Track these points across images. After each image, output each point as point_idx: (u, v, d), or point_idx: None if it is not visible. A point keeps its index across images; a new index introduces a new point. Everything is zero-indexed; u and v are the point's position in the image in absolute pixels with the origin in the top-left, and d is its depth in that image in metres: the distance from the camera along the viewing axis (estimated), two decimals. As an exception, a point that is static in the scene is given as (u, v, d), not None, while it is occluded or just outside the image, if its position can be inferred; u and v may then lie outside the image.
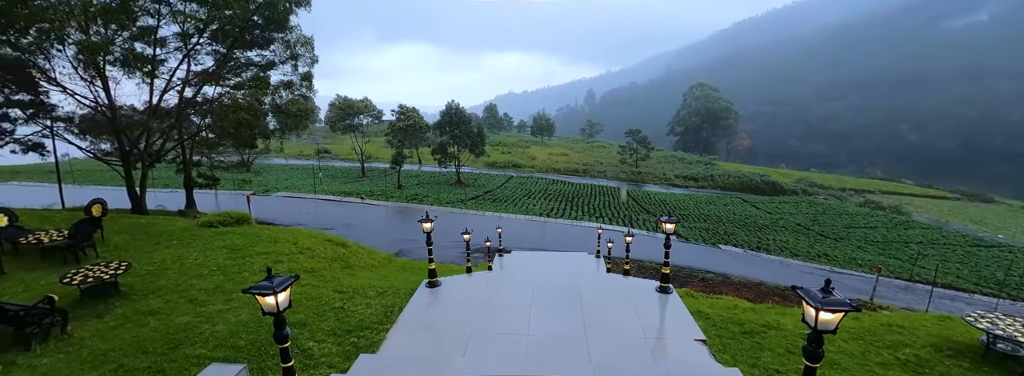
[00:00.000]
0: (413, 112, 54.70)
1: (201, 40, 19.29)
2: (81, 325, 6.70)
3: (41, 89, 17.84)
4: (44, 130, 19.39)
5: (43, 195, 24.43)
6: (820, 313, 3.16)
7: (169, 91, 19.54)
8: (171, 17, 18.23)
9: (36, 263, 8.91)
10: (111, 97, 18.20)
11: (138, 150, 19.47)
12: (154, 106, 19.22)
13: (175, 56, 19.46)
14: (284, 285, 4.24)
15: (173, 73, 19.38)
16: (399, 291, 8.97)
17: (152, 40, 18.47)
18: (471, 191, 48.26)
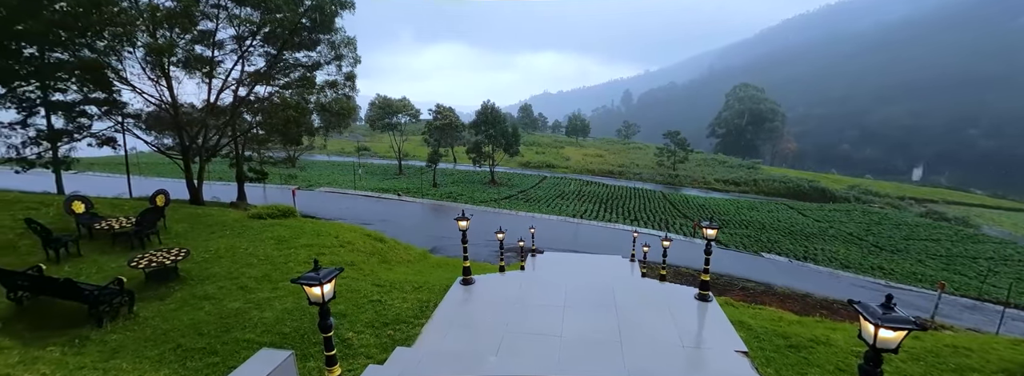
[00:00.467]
0: (449, 111, 55.60)
1: (254, 42, 20.38)
2: (145, 306, 7.25)
3: (114, 88, 19.42)
4: (116, 126, 21.14)
5: (113, 185, 26.61)
6: (880, 330, 2.94)
7: (225, 90, 20.78)
8: (228, 21, 19.38)
9: (108, 247, 9.72)
10: (174, 96, 19.55)
11: (196, 145, 20.82)
12: (211, 104, 20.49)
13: (230, 57, 20.67)
14: (329, 277, 4.42)
15: (229, 73, 20.58)
16: (434, 287, 9.13)
17: (211, 43, 19.71)
18: (504, 190, 48.52)
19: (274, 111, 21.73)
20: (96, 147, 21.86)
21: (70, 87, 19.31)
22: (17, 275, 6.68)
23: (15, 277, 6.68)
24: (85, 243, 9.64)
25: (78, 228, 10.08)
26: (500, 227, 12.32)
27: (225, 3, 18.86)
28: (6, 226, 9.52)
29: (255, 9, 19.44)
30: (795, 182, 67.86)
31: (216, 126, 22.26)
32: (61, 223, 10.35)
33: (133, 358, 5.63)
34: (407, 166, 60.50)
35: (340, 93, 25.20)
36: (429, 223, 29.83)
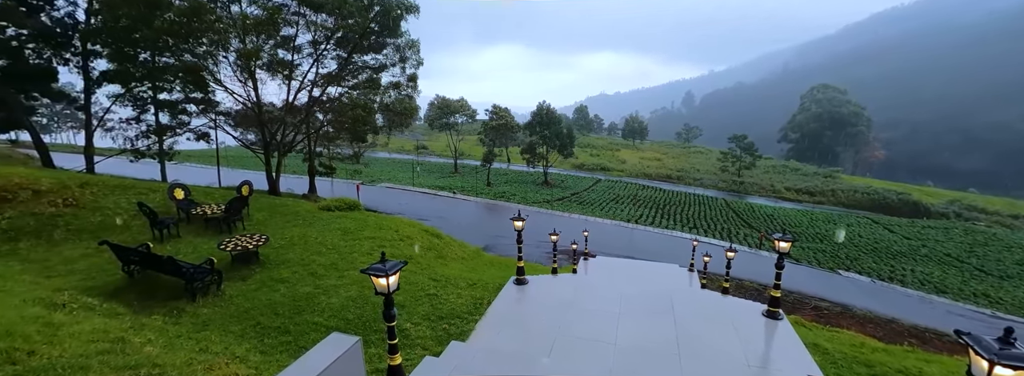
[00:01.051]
0: (505, 112, 56.22)
1: (328, 46, 21.85)
2: (230, 285, 7.99)
3: (210, 89, 21.68)
4: (210, 122, 23.60)
5: (205, 175, 29.65)
6: (995, 368, 2.53)
7: (301, 91, 22.47)
8: (306, 27, 20.93)
9: (201, 230, 10.86)
10: (258, 95, 21.44)
11: (275, 141, 22.69)
12: (289, 104, 22.23)
13: (307, 61, 22.31)
14: (395, 269, 4.62)
15: (305, 75, 22.22)
16: (488, 285, 9.25)
17: (291, 47, 21.40)
18: (558, 192, 48.23)
19: (343, 110, 23.19)
20: (193, 141, 24.60)
21: (174, 88, 21.83)
22: (130, 251, 7.64)
23: (129, 253, 7.64)
24: (183, 226, 10.83)
25: (178, 212, 11.35)
26: (554, 229, 12.26)
27: (304, 11, 20.41)
28: (123, 208, 10.93)
29: (330, 15, 20.83)
30: (881, 194, 61.25)
31: (293, 124, 24.16)
32: (164, 207, 11.70)
33: (220, 331, 6.23)
34: (462, 165, 61.97)
35: (403, 93, 26.40)
36: (482, 221, 30.34)
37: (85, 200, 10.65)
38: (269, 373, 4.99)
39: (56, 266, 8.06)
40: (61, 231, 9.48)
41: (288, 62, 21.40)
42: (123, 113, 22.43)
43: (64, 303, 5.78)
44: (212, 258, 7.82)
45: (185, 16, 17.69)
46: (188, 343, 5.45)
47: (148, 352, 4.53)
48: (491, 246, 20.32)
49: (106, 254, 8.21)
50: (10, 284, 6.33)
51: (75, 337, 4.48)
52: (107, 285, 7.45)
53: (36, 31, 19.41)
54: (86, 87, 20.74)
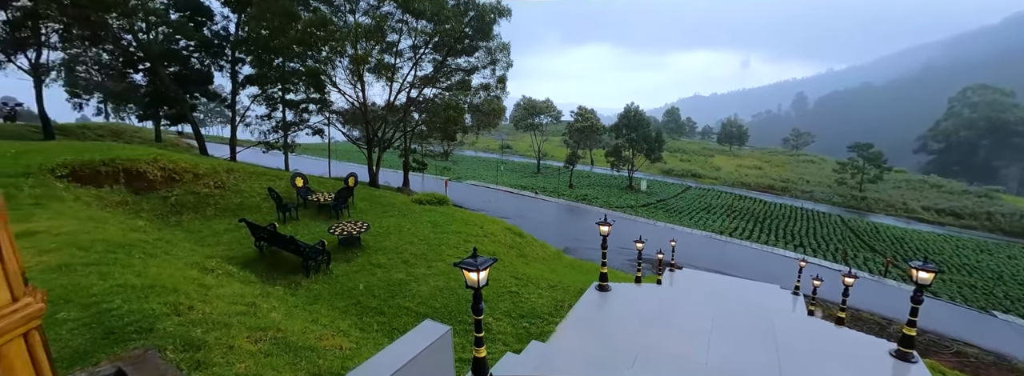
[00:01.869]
0: (591, 113, 55.28)
1: (425, 50, 23.33)
2: (336, 266, 8.89)
3: (326, 90, 24.38)
4: (324, 120, 26.53)
5: (317, 166, 33.36)
6: None
7: (400, 92, 24.27)
8: (408, 33, 22.57)
9: (314, 215, 12.25)
10: (365, 96, 23.60)
11: (377, 137, 24.79)
12: (390, 104, 24.13)
13: (407, 64, 24.04)
14: (486, 265, 4.74)
15: (404, 78, 23.96)
16: (569, 288, 9.15)
17: (394, 52, 23.24)
18: (643, 197, 46.23)
19: (437, 111, 24.59)
20: (310, 135, 27.85)
21: (299, 89, 24.93)
22: (261, 229, 8.85)
23: (260, 230, 8.87)
24: (301, 210, 12.31)
25: (297, 198, 12.92)
26: (640, 236, 11.76)
27: (407, 18, 22.03)
28: (256, 192, 12.73)
29: (429, 21, 22.22)
30: (1060, 221, 49.20)
31: (392, 122, 26.22)
32: (287, 193, 13.39)
33: (328, 306, 6.95)
34: (545, 166, 62.23)
35: (492, 95, 27.26)
36: (563, 223, 30.17)
37: (230, 183, 12.61)
38: (367, 349, 5.44)
39: (207, 237, 9.65)
40: (212, 208, 11.34)
41: (391, 65, 23.27)
42: (259, 111, 26.25)
43: (212, 268, 6.87)
44: (323, 240, 8.77)
45: (313, 27, 20.13)
46: (302, 313, 6.16)
47: (273, 318, 5.19)
48: (571, 249, 20.10)
49: (243, 230, 9.63)
50: (175, 249, 7.70)
51: (220, 298, 5.30)
52: (243, 256, 8.73)
53: (200, 42, 23.48)
54: (233, 88, 24.58)
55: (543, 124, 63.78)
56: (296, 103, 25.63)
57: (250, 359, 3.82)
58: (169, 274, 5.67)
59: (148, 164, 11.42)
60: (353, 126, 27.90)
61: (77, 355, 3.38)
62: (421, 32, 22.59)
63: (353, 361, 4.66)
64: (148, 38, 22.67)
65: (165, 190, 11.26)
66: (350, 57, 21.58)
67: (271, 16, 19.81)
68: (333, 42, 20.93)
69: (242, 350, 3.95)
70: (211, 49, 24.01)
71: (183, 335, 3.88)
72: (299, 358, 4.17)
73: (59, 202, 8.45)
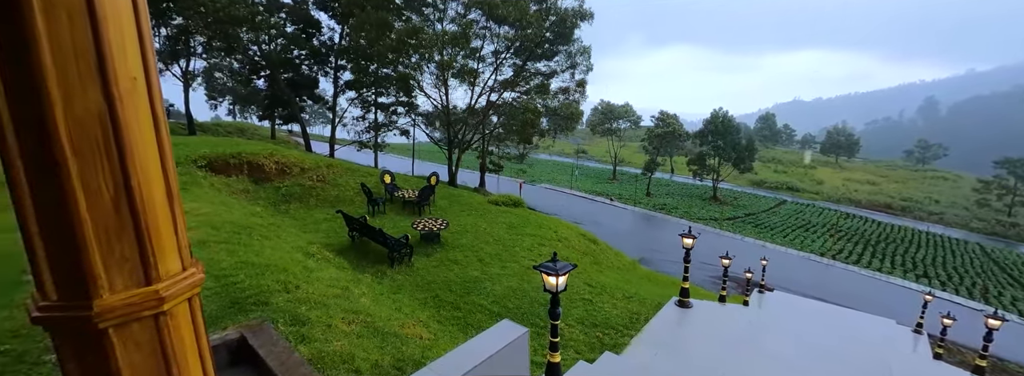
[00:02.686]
0: (673, 119, 52.55)
1: (507, 55, 23.84)
2: (417, 259, 9.37)
3: (413, 94, 25.97)
4: (410, 121, 28.27)
5: (402, 164, 35.60)
6: None
7: (481, 96, 25.07)
8: (490, 38, 23.25)
9: (399, 210, 13.07)
10: (448, 100, 24.73)
11: (458, 139, 25.84)
12: (471, 107, 25.02)
13: (488, 69, 24.74)
14: (565, 270, 4.69)
15: (485, 82, 24.70)
16: (645, 300, 8.75)
17: (477, 57, 24.07)
18: (729, 210, 42.86)
19: (515, 114, 25.00)
20: (397, 136, 29.83)
21: (390, 93, 26.85)
22: (354, 220, 9.63)
23: (353, 221, 9.65)
24: (388, 205, 13.20)
25: (385, 193, 13.88)
26: (727, 252, 10.89)
27: (490, 24, 22.73)
28: (350, 187, 13.91)
29: (511, 27, 22.70)
30: None
31: (472, 125, 27.18)
32: (376, 188, 14.45)
33: (409, 296, 7.35)
34: (621, 172, 60.36)
35: (570, 98, 27.08)
36: (639, 232, 28.99)
37: (329, 178, 13.93)
38: (443, 341, 5.64)
39: (309, 224, 10.74)
40: (314, 199, 12.61)
41: (474, 70, 24.14)
42: (354, 112, 28.73)
43: (313, 253, 7.61)
44: (407, 235, 9.31)
45: (405, 35, 21.61)
46: (387, 301, 6.57)
47: (363, 303, 5.60)
48: (647, 260, 19.21)
49: (339, 220, 10.55)
50: (284, 234, 8.66)
51: (320, 281, 5.84)
52: (338, 244, 9.56)
53: (310, 51, 26.31)
54: (334, 92, 27.17)
55: (621, 129, 61.95)
56: (386, 106, 27.63)
57: (345, 339, 4.14)
58: (280, 256, 6.38)
59: (266, 158, 13.02)
60: (435, 128, 29.42)
61: (210, 320, 3.92)
62: (503, 37, 23.17)
63: (432, 351, 4.86)
64: (269, 48, 25.93)
65: (278, 181, 12.75)
66: (437, 63, 22.79)
67: (369, 27, 21.60)
68: (422, 49, 22.26)
69: (338, 330, 4.31)
70: (318, 57, 26.81)
71: (291, 311, 4.33)
72: (386, 343, 4.44)
73: (198, 188, 9.94)
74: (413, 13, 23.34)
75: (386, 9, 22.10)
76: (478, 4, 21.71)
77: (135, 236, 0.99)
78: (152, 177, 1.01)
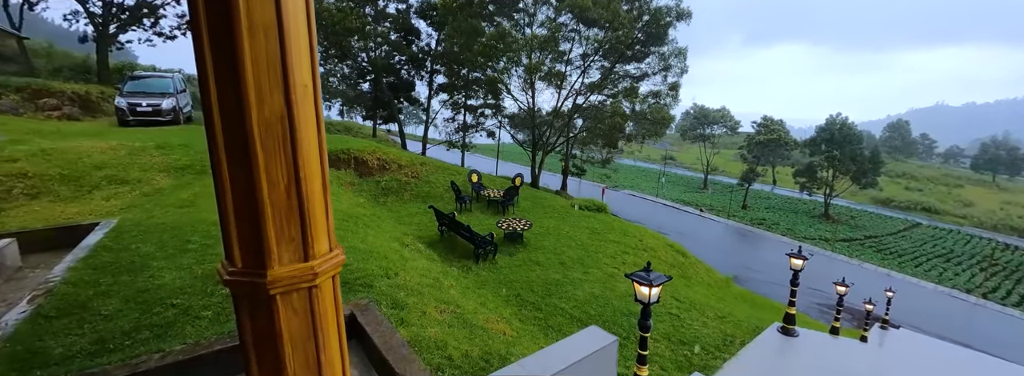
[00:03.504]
0: (777, 125, 47.51)
1: (595, 58, 23.41)
2: (501, 257, 9.59)
3: (501, 97, 26.66)
4: (497, 123, 29.07)
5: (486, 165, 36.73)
6: None
7: (567, 99, 24.93)
8: (579, 41, 23.00)
9: (484, 209, 13.51)
10: (534, 102, 24.97)
11: (542, 141, 26.00)
12: (556, 109, 25.00)
13: (575, 72, 24.51)
14: (660, 281, 4.48)
15: (572, 85, 24.51)
16: (740, 323, 8.01)
17: (565, 60, 23.97)
18: (844, 230, 37.65)
19: (602, 117, 24.47)
20: (484, 137, 30.87)
21: (478, 96, 27.87)
22: (444, 216, 10.14)
23: (443, 216, 10.17)
24: (474, 203, 13.71)
25: (472, 192, 14.44)
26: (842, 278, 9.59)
27: (579, 27, 22.50)
28: (440, 184, 14.70)
29: (601, 29, 22.23)
30: None
31: (557, 128, 27.16)
32: (463, 187, 15.08)
33: (493, 292, 7.54)
34: (713, 181, 56.11)
35: (661, 102, 25.80)
36: (731, 247, 26.69)
37: (422, 175, 14.87)
38: (525, 340, 5.69)
39: (403, 217, 11.55)
40: (408, 194, 13.55)
41: (561, 73, 24.10)
42: (445, 114, 30.32)
43: (408, 244, 8.16)
44: (492, 233, 9.57)
45: (495, 40, 22.30)
46: (473, 295, 6.80)
47: (452, 294, 5.86)
48: (741, 278, 17.61)
49: (429, 215, 11.20)
50: (383, 224, 9.41)
51: (415, 270, 6.23)
52: (428, 237, 10.15)
53: (409, 57, 28.31)
54: (428, 95, 28.95)
55: (715, 135, 57.58)
56: (474, 108, 28.74)
57: (437, 326, 4.37)
58: (380, 244, 6.94)
59: (369, 155, 14.27)
60: (520, 129, 29.91)
61: (326, 296, 4.39)
62: (593, 40, 22.84)
63: (516, 348, 4.92)
64: (375, 55, 28.40)
65: (378, 176, 13.91)
66: (524, 66, 23.17)
67: (461, 33, 22.65)
68: (510, 53, 22.78)
69: (432, 317, 4.56)
70: (416, 62, 28.76)
71: (392, 295, 4.68)
72: (474, 335, 4.60)
73: (315, 179, 11.20)
74: (504, 18, 23.98)
75: (478, 16, 23.01)
76: (569, 7, 21.65)
77: (300, 219, 1.19)
78: (313, 170, 1.21)
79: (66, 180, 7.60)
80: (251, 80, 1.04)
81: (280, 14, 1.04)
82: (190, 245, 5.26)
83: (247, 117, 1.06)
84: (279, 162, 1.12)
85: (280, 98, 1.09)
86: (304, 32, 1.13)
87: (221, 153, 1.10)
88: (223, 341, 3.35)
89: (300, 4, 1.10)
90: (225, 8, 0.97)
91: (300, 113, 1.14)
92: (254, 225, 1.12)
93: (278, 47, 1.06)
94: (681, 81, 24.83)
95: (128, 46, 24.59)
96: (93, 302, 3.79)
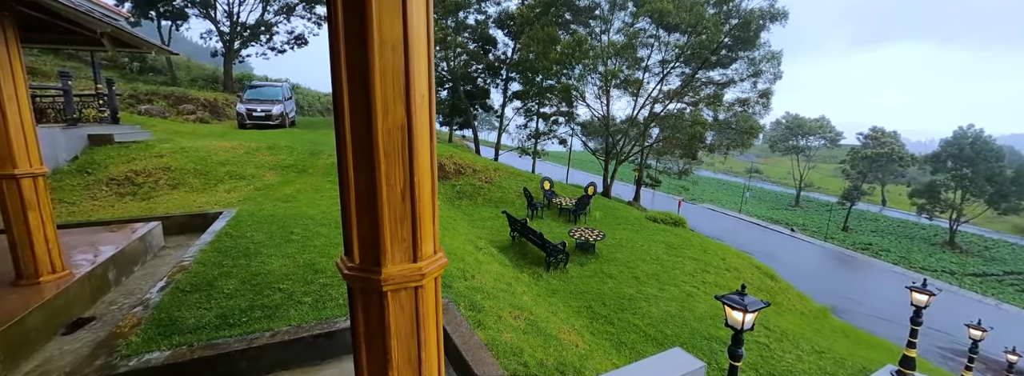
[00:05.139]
0: (890, 137, 41.77)
1: (675, 64, 22.30)
2: (572, 267, 9.42)
3: (574, 104, 26.42)
4: (569, 131, 28.84)
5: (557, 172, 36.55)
6: None
7: (643, 107, 24.03)
8: (658, 47, 22.07)
9: (556, 216, 13.42)
10: (609, 110, 24.41)
11: (615, 150, 25.32)
12: (632, 118, 24.21)
13: (654, 79, 23.54)
14: (756, 307, 4.08)
15: (649, 93, 23.57)
16: (842, 361, 7.08)
17: (642, 67, 23.15)
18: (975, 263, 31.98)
19: (680, 126, 23.24)
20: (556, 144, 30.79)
21: (552, 103, 27.89)
22: (517, 221, 10.22)
23: (515, 222, 10.25)
24: (545, 210, 13.68)
25: (544, 199, 14.42)
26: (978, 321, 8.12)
27: (659, 33, 21.60)
28: (512, 189, 14.88)
29: (682, 34, 21.14)
30: None
31: (631, 137, 26.30)
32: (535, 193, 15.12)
33: (563, 302, 7.42)
34: (806, 198, 50.68)
35: (748, 110, 23.89)
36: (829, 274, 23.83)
37: (495, 180, 15.17)
38: (598, 354, 5.49)
39: (477, 221, 11.84)
40: (482, 198, 13.89)
41: (637, 80, 23.31)
42: (518, 121, 30.74)
43: (481, 248, 8.32)
44: (564, 241, 9.45)
45: (571, 48, 22.19)
46: (544, 303, 6.74)
47: (524, 300, 5.85)
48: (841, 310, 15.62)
49: (502, 220, 11.36)
50: (458, 226, 9.71)
51: (488, 273, 6.32)
52: (500, 242, 10.29)
53: (486, 65, 29.15)
54: (502, 102, 29.57)
55: (811, 148, 52.05)
56: (547, 115, 28.80)
57: (512, 332, 4.37)
58: (457, 245, 7.15)
59: (446, 159, 14.87)
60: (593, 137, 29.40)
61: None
62: (673, 45, 21.83)
63: (589, 361, 4.77)
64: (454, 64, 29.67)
65: (454, 180, 14.43)
66: (600, 74, 22.77)
67: (537, 42, 22.84)
68: (586, 60, 22.51)
69: (507, 322, 4.57)
70: (492, 70, 29.55)
71: (469, 297, 4.77)
72: (548, 344, 4.53)
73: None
74: (580, 26, 23.81)
75: (554, 24, 23.06)
76: (648, 12, 20.92)
77: (412, 222, 1.24)
78: (426, 176, 1.26)
79: (198, 174, 8.82)
80: (379, 91, 1.10)
81: (406, 31, 1.08)
82: (293, 236, 5.81)
83: (373, 125, 1.12)
84: (397, 168, 1.18)
85: (402, 108, 1.15)
86: (424, 46, 1.18)
87: (348, 157, 1.18)
88: (321, 326, 3.62)
89: (422, 20, 1.15)
90: (361, 26, 1.04)
91: (418, 122, 1.20)
92: (372, 225, 1.19)
93: (403, 61, 1.12)
94: (773, 88, 22.85)
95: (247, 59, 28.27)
96: (218, 281, 4.32)
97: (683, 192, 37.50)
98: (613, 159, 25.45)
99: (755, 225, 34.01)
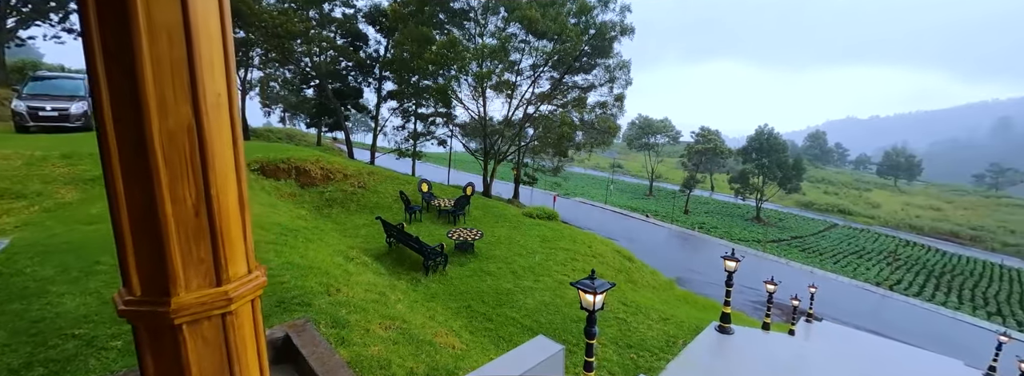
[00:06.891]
0: (714, 135, 51.03)
1: (545, 68, 24.05)
2: (451, 268, 9.45)
3: (452, 105, 26.56)
4: (448, 132, 28.85)
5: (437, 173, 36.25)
6: None
7: (518, 108, 25.32)
8: (529, 52, 23.56)
9: (434, 219, 13.29)
10: (485, 111, 25.11)
11: (493, 150, 26.12)
12: (507, 119, 25.29)
13: (526, 82, 25.01)
14: (603, 289, 4.60)
15: (522, 95, 24.96)
16: (682, 323, 8.41)
17: (515, 70, 24.41)
18: (773, 232, 40.81)
19: (551, 127, 25.06)
20: (435, 145, 30.49)
21: (429, 103, 27.58)
22: (392, 227, 9.86)
23: (391, 228, 9.88)
24: (424, 213, 13.45)
25: (422, 201, 14.16)
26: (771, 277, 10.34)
27: (529, 38, 23.08)
28: (389, 194, 14.31)
29: (549, 41, 22.93)
30: None
31: (508, 137, 27.42)
32: (413, 196, 14.77)
33: (442, 305, 7.39)
34: (658, 188, 58.91)
35: (608, 112, 26.90)
36: (674, 251, 28.04)
37: (370, 184, 14.40)
38: (475, 352, 5.61)
39: (349, 229, 11.09)
40: (354, 205, 13.05)
41: (511, 83, 24.47)
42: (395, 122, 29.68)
43: (353, 257, 7.83)
44: (442, 243, 9.42)
45: (445, 48, 22.27)
46: (421, 308, 6.63)
47: (399, 309, 5.68)
48: (684, 280, 18.52)
49: (377, 226, 10.84)
50: (326, 237, 8.97)
51: (359, 285, 5.98)
52: (375, 249, 9.81)
53: (356, 63, 27.52)
54: (377, 103, 28.25)
55: (659, 144, 60.69)
56: (425, 116, 28.39)
57: (381, 344, 4.21)
58: (322, 258, 6.61)
59: (312, 164, 13.63)
60: (472, 138, 29.89)
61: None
62: (542, 51, 23.44)
63: (464, 361, 4.84)
64: (319, 60, 27.34)
65: (322, 186, 13.30)
66: (474, 75, 23.30)
67: (412, 41, 22.43)
68: (461, 61, 22.83)
69: (375, 334, 4.38)
70: (364, 68, 28.01)
71: (332, 313, 4.45)
72: (420, 351, 4.47)
73: (250, 190, 10.50)
74: (455, 28, 24.04)
75: (429, 24, 22.92)
76: (518, 19, 22.11)
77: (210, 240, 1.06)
78: (228, 186, 1.09)
79: (-58, 195, 6.60)
80: (151, 88, 0.91)
81: (186, 15, 0.90)
82: (99, 266, 4.73)
83: (147, 129, 0.92)
84: (185, 178, 0.99)
85: (187, 108, 0.96)
86: (217, 35, 1.01)
87: (115, 168, 0.95)
88: (134, 373, 3.02)
89: (212, 4, 0.98)
90: (121, 7, 0.85)
91: (212, 124, 1.01)
92: (155, 247, 0.99)
93: (185, 52, 0.94)
94: (626, 92, 26.03)
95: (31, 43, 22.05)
96: (-30, 337, 3.30)
97: (557, 188, 40.50)
98: (492, 159, 26.20)
99: (618, 214, 38.41)
